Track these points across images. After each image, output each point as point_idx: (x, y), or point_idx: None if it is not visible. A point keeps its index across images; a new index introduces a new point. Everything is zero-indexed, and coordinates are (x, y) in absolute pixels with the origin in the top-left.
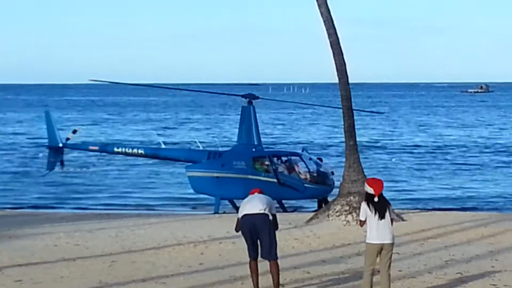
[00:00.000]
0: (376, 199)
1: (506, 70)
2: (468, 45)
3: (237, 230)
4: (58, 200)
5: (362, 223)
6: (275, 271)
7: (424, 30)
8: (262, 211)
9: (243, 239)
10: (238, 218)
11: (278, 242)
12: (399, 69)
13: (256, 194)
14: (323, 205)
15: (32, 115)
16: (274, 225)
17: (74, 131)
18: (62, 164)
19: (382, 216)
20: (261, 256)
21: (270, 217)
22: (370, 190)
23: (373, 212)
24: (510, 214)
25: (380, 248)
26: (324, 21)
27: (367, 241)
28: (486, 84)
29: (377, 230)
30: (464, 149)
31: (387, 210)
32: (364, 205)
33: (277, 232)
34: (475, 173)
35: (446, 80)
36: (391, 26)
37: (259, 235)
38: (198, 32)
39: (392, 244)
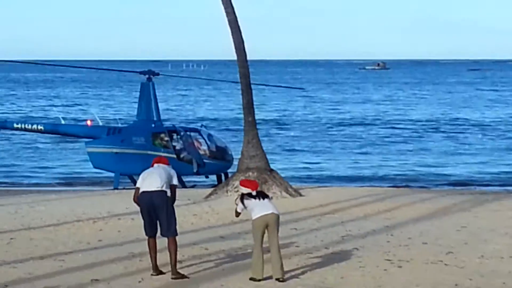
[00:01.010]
0: (254, 193)
1: (400, 48)
2: (364, 25)
3: (135, 201)
4: None
5: (238, 214)
6: (173, 248)
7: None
8: (159, 188)
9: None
10: (137, 188)
11: (177, 218)
12: (296, 47)
13: (156, 166)
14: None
15: None
16: (172, 198)
17: None
18: None
19: (263, 197)
20: (161, 234)
21: (168, 193)
22: (246, 190)
23: (252, 198)
24: (406, 189)
25: (266, 223)
26: (222, 1)
27: (252, 219)
28: (383, 61)
29: (261, 206)
30: (366, 125)
31: (267, 194)
32: (240, 200)
33: (176, 208)
34: (372, 148)
35: (344, 58)
36: (289, 7)
37: (157, 213)
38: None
39: (277, 215)
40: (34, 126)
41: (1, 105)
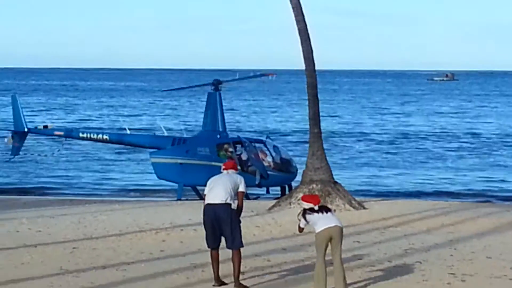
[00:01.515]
0: (316, 207)
1: (469, 59)
2: (432, 34)
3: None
4: (22, 185)
5: (301, 229)
6: (237, 260)
7: (388, 20)
8: (223, 201)
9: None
10: (204, 194)
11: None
12: (366, 57)
13: (224, 173)
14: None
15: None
16: (239, 208)
17: (45, 127)
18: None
19: (325, 210)
20: (226, 246)
21: (233, 206)
22: (307, 205)
23: (315, 213)
24: (469, 203)
25: (330, 236)
26: (292, 8)
27: (316, 232)
28: (451, 72)
29: (324, 219)
30: (435, 138)
31: (329, 208)
32: (302, 216)
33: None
34: (439, 162)
35: (412, 68)
36: (357, 15)
37: (221, 226)
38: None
39: (341, 228)
40: (100, 136)
41: (68, 114)
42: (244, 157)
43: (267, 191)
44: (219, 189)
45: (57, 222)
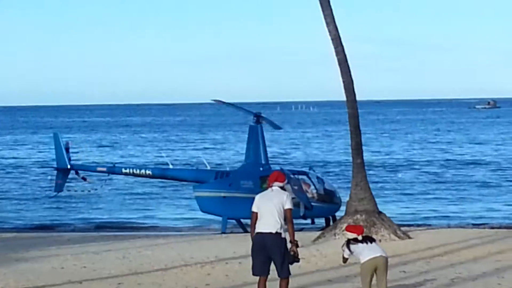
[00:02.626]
0: (360, 237)
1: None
2: (470, 61)
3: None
4: (66, 222)
5: (345, 260)
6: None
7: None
8: (273, 231)
9: (249, 259)
10: (253, 212)
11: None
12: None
13: (269, 193)
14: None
15: (40, 137)
16: (289, 222)
17: (67, 149)
18: (84, 179)
19: (370, 241)
20: (277, 274)
21: (283, 235)
22: (351, 235)
23: (359, 243)
24: None
25: (375, 266)
26: (332, 39)
27: (361, 262)
28: (493, 99)
29: (368, 249)
30: (473, 166)
31: (373, 238)
32: (346, 246)
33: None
34: (482, 190)
35: (451, 97)
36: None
37: (270, 254)
38: (204, 54)
39: (386, 258)
40: (143, 171)
41: (110, 151)
42: (287, 189)
43: (312, 222)
44: (268, 217)
45: (102, 257)
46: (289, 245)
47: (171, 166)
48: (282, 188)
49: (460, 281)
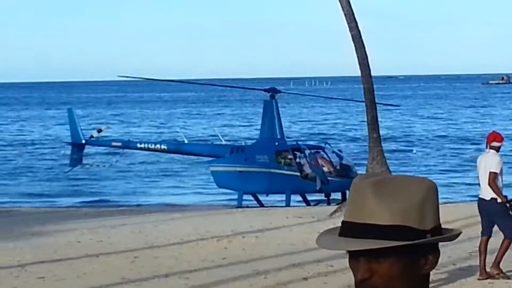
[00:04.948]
0: None
1: None
2: (484, 36)
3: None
4: (82, 196)
5: None
6: (503, 247)
7: (439, 21)
8: (486, 197)
9: (265, 233)
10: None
11: (301, 236)
12: (416, 61)
13: (483, 157)
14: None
15: (55, 112)
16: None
17: (99, 130)
18: (81, 161)
19: None
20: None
21: (499, 200)
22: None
23: None
24: None
25: None
26: (345, 15)
27: None
28: (507, 75)
29: None
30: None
31: None
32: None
33: (300, 226)
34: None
35: (465, 72)
36: (399, 18)
37: (489, 219)
38: (216, 28)
39: None
40: (158, 146)
41: (123, 126)
42: (303, 163)
43: (328, 201)
44: (481, 181)
45: (118, 231)
46: None
47: (186, 141)
48: (498, 148)
49: (477, 254)
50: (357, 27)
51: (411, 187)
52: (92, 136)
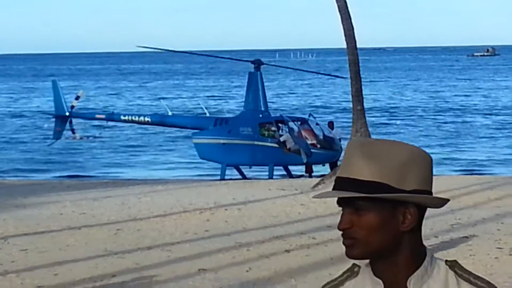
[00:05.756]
0: None
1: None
2: (470, 8)
3: None
4: (64, 168)
5: None
6: None
7: None
8: None
9: (248, 205)
10: None
11: (284, 208)
12: (401, 33)
13: None
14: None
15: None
16: None
17: (77, 97)
18: (73, 132)
19: None
20: None
21: None
22: None
23: None
24: None
25: None
26: None
27: None
28: (492, 47)
29: None
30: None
31: None
32: None
33: (283, 198)
34: (478, 135)
35: (450, 44)
36: None
37: None
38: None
39: None
40: (141, 118)
41: (113, 97)
42: (286, 135)
43: (310, 173)
44: None
45: (101, 204)
46: None
47: (170, 113)
48: None
49: (459, 227)
50: None
51: (395, 149)
52: (73, 106)
